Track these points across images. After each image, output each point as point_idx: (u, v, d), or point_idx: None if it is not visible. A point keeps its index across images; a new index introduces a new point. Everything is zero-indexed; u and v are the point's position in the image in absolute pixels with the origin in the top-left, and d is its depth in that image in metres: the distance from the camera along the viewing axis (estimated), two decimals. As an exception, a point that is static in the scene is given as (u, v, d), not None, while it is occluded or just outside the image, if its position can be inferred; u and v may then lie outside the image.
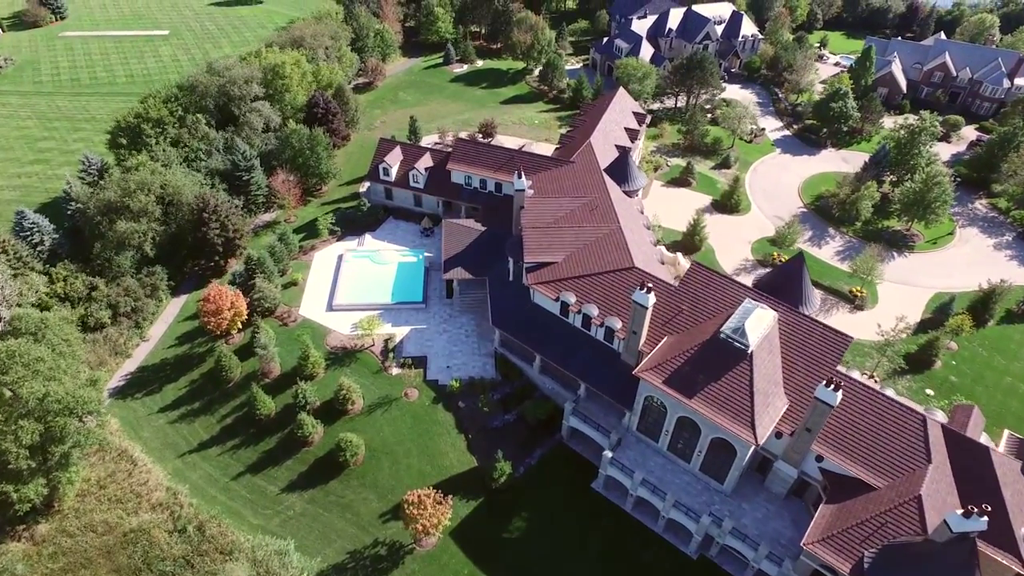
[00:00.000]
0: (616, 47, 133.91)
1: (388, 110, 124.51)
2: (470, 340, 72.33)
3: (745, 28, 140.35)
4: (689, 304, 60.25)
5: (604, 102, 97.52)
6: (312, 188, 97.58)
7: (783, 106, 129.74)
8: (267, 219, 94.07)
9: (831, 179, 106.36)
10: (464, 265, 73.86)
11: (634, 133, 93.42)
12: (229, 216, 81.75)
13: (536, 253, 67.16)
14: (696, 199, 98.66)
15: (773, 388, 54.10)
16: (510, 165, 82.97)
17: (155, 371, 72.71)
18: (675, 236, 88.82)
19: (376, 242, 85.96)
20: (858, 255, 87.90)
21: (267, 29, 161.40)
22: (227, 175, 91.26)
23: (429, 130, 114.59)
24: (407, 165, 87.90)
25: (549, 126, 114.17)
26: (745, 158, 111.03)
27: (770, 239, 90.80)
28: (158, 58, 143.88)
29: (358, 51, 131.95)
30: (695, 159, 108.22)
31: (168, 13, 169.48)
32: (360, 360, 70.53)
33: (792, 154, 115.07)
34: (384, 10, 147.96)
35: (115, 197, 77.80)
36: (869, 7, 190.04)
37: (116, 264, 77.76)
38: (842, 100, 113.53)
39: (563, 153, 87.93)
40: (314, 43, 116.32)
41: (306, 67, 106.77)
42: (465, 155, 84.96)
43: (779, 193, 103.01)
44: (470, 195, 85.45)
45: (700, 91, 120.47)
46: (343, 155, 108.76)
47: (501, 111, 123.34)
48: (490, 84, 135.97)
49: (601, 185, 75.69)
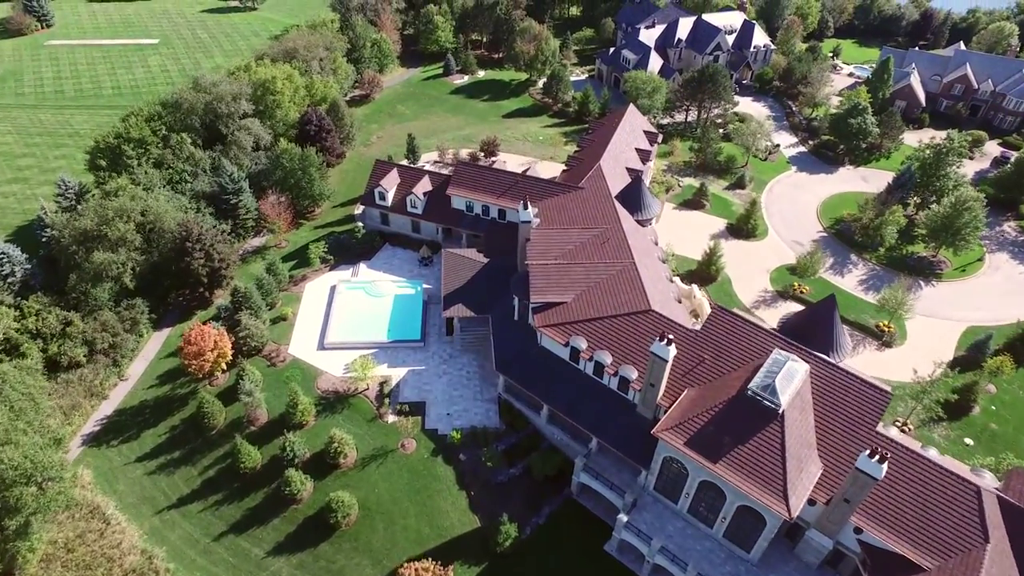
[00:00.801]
0: (623, 58, 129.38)
1: (385, 124, 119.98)
2: (472, 383, 67.68)
3: (757, 38, 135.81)
4: (712, 352, 55.69)
5: (613, 120, 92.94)
6: (304, 210, 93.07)
7: (797, 120, 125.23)
8: (256, 244, 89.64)
9: (851, 200, 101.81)
10: (465, 301, 69.25)
11: (646, 154, 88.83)
12: (214, 244, 77.19)
13: (543, 292, 62.57)
14: (710, 223, 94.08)
15: (806, 451, 49.51)
16: (514, 190, 78.43)
17: (133, 415, 68.13)
18: (690, 265, 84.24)
19: (371, 272, 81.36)
20: (885, 286, 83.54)
21: (260, 37, 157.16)
22: (214, 198, 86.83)
23: (428, 147, 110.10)
24: (404, 189, 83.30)
25: (554, 143, 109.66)
26: (760, 177, 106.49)
27: (790, 267, 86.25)
28: (146, 68, 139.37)
29: (354, 62, 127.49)
30: (708, 178, 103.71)
31: (159, 20, 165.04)
32: (353, 406, 65.92)
33: (808, 172, 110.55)
34: (382, 19, 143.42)
35: (91, 225, 73.27)
36: (881, 15, 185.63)
37: (93, 297, 73.24)
38: (861, 116, 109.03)
39: (570, 177, 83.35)
40: (307, 55, 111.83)
41: (298, 81, 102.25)
42: (466, 179, 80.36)
43: (797, 216, 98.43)
44: (471, 222, 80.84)
45: (712, 105, 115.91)
46: (338, 174, 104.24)
47: (503, 126, 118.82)
48: (492, 96, 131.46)
49: (612, 214, 71.12)
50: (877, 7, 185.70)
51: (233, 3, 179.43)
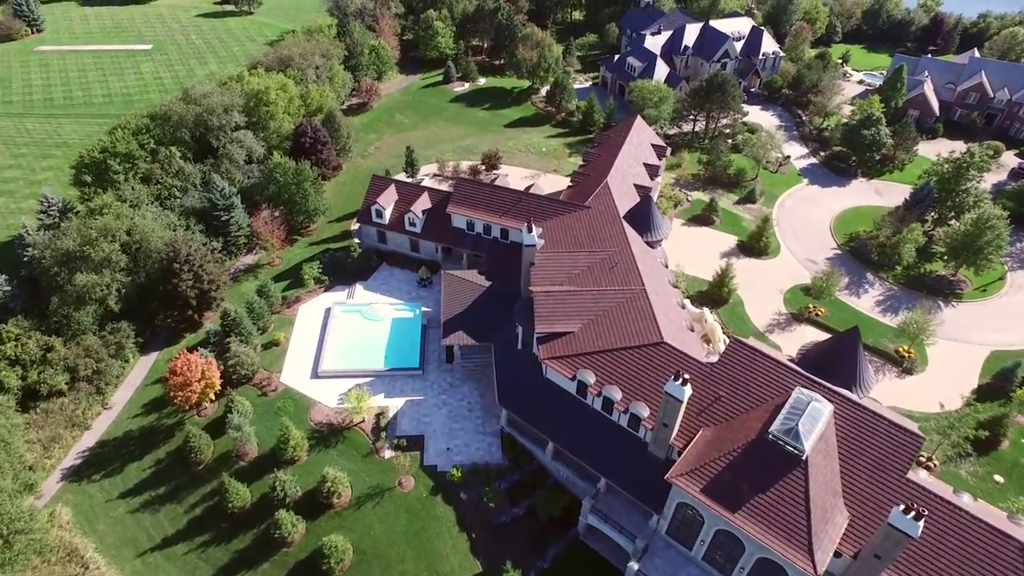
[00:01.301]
0: (628, 65, 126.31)
1: (384, 134, 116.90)
2: (473, 415, 64.58)
3: (766, 45, 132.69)
4: (729, 389, 52.68)
5: (619, 134, 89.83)
6: (299, 226, 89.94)
7: (807, 130, 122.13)
8: (249, 262, 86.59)
9: (865, 214, 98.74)
10: (466, 328, 66.15)
11: (654, 170, 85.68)
12: (203, 265, 74.11)
13: (549, 321, 59.48)
14: (720, 240, 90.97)
15: (832, 499, 46.45)
16: (517, 209, 75.35)
17: (117, 446, 65.12)
18: (700, 285, 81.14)
19: (368, 294, 78.29)
20: (904, 308, 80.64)
21: (256, 43, 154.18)
22: (204, 214, 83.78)
23: (428, 158, 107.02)
24: (402, 206, 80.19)
25: (558, 155, 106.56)
26: (770, 190, 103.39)
27: (804, 287, 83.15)
28: (139, 75, 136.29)
29: (352, 69, 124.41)
30: (717, 192, 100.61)
31: (153, 25, 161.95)
32: (348, 439, 62.85)
33: (820, 185, 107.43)
34: (380, 24, 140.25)
35: (74, 246, 70.19)
36: (890, 19, 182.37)
37: (76, 321, 70.14)
38: (875, 127, 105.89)
39: (576, 194, 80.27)
40: (303, 63, 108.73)
41: (293, 91, 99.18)
42: (466, 197, 77.27)
43: (810, 231, 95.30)
44: (472, 241, 77.74)
45: (720, 115, 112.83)
46: (334, 187, 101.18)
47: (505, 136, 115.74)
48: (493, 104, 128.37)
49: (621, 236, 68.09)
50: (886, 12, 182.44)
51: (229, 7, 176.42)
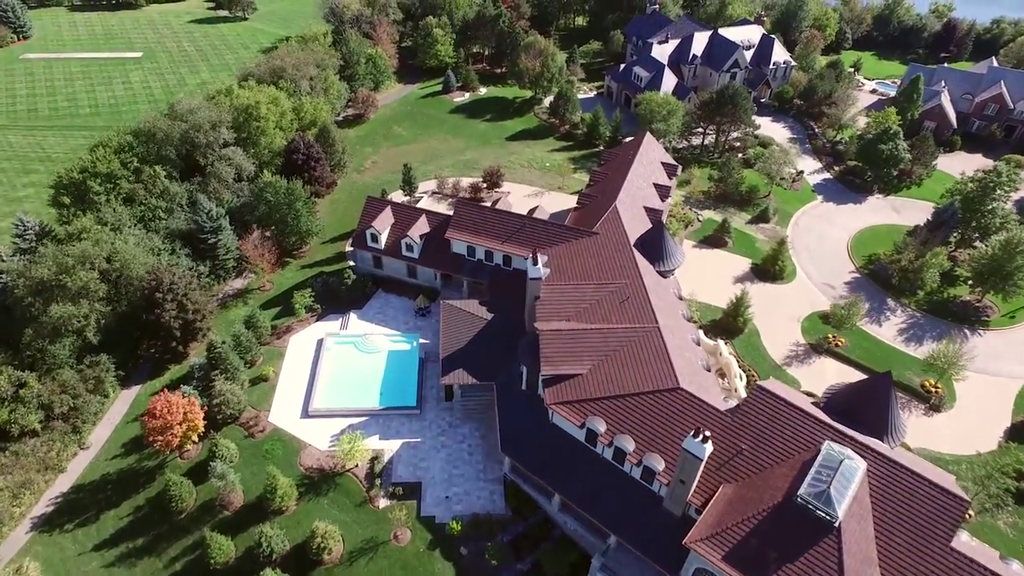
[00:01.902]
0: (635, 75, 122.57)
1: (381, 147, 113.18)
2: (474, 459, 60.78)
3: (777, 54, 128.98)
4: (751, 441, 48.90)
5: (628, 151, 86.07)
6: (291, 248, 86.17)
7: (820, 143, 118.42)
8: (238, 286, 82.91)
9: (883, 234, 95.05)
10: (466, 366, 62.37)
11: (665, 191, 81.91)
12: (188, 294, 70.29)
13: (555, 362, 55.69)
14: (733, 263, 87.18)
15: (867, 570, 42.62)
16: (520, 235, 71.58)
17: (93, 491, 61.33)
18: (713, 313, 77.35)
19: (362, 324, 74.46)
20: (928, 336, 77.13)
21: (250, 50, 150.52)
22: (190, 237, 79.99)
23: (427, 173, 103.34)
24: (399, 231, 76.38)
25: (562, 171, 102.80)
26: (784, 208, 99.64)
27: (823, 315, 79.43)
28: (127, 84, 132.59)
29: (348, 79, 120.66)
30: (729, 211, 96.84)
31: (144, 32, 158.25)
32: (340, 486, 59.06)
33: (836, 202, 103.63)
34: (377, 32, 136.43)
35: (49, 275, 66.42)
36: (901, 25, 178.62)
37: (51, 354, 66.35)
38: (892, 141, 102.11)
39: (583, 218, 76.50)
40: (296, 74, 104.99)
41: (285, 105, 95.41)
42: (467, 222, 73.47)
43: (826, 253, 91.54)
44: (473, 268, 73.95)
45: (730, 128, 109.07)
46: (328, 204, 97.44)
47: (507, 150, 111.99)
48: (494, 116, 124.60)
49: (631, 266, 64.29)
50: (896, 17, 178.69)
51: (222, 12, 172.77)
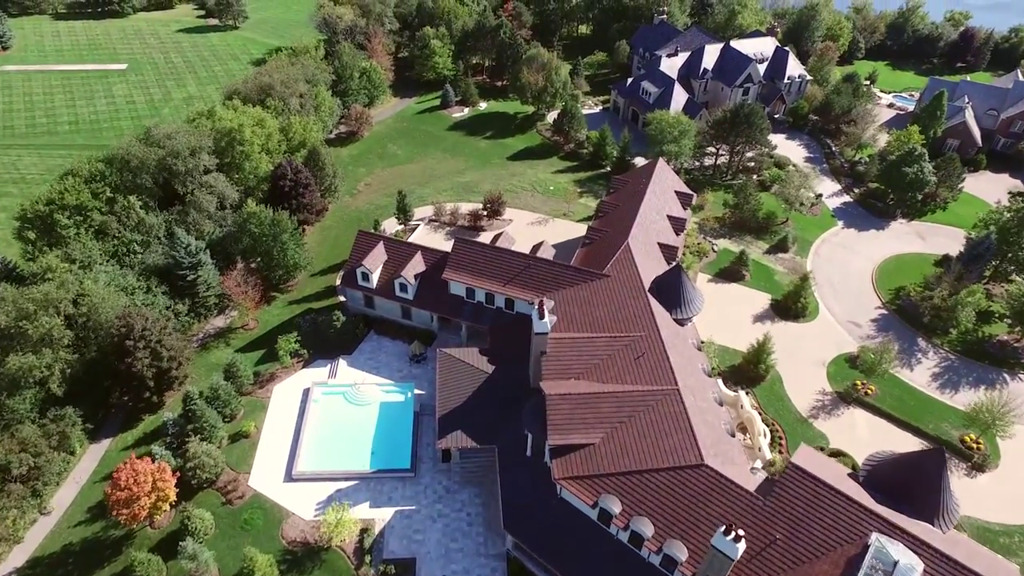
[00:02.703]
0: (643, 90, 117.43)
1: (375, 168, 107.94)
2: (474, 531, 55.53)
3: (791, 67, 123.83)
4: (787, 530, 43.62)
5: (639, 179, 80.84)
6: (277, 282, 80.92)
7: (838, 163, 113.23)
8: (220, 325, 77.87)
9: (909, 264, 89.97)
10: (465, 426, 57.14)
11: (680, 224, 76.63)
12: (162, 340, 64.99)
13: (564, 431, 50.46)
14: (751, 299, 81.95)
15: None
16: (523, 276, 66.34)
17: (52, 566, 56.26)
18: (732, 357, 72.13)
19: (352, 371, 69.14)
20: (964, 381, 72.03)
21: (240, 61, 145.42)
22: (168, 273, 74.73)
23: (423, 198, 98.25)
24: (392, 269, 71.10)
25: (567, 195, 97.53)
26: (803, 236, 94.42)
27: (849, 357, 74.23)
28: (110, 98, 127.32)
29: (340, 95, 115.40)
30: (745, 239, 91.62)
31: (130, 42, 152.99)
32: (327, 563, 53.85)
33: (857, 228, 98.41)
34: (372, 43, 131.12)
35: (8, 321, 61.19)
36: (916, 34, 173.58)
37: (9, 409, 61.24)
38: (917, 163, 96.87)
39: (591, 256, 71.24)
40: (285, 91, 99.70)
41: (271, 127, 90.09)
42: (465, 261, 68.18)
43: (849, 285, 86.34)
44: (472, 311, 68.67)
45: (745, 149, 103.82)
46: (318, 232, 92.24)
47: (508, 171, 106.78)
48: (495, 132, 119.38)
49: (646, 314, 59.06)
50: (911, 26, 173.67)
51: (212, 21, 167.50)
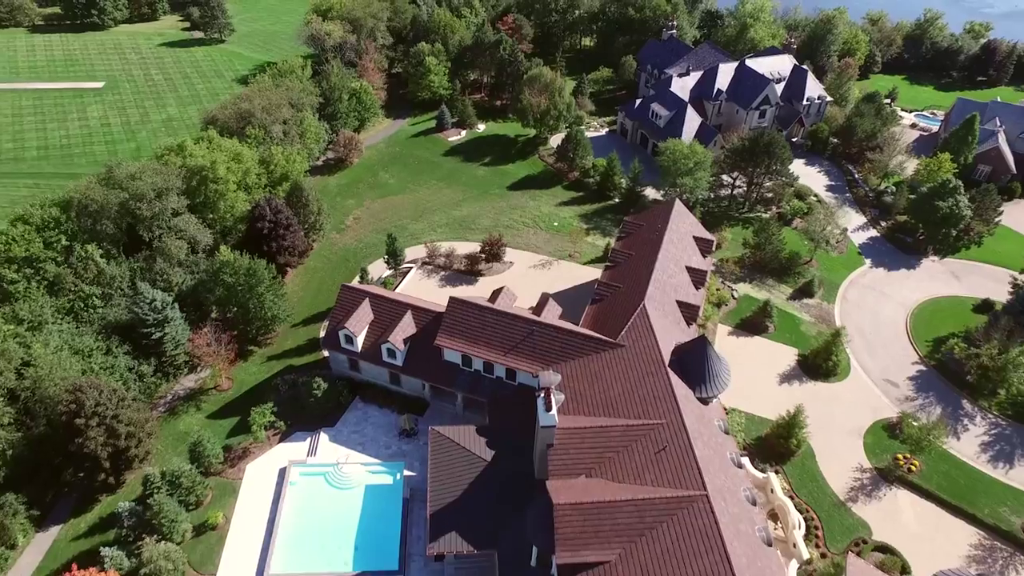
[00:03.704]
0: (653, 112, 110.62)
1: (365, 199, 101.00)
2: (469, 652, 48.41)
3: (810, 88, 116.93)
4: None
5: (653, 223, 73.91)
6: (255, 335, 74.03)
7: (862, 192, 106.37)
8: (191, 385, 71.21)
9: (946, 309, 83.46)
10: (460, 526, 50.35)
11: (701, 277, 69.70)
12: (119, 415, 58.06)
13: (575, 547, 43.63)
14: (776, 354, 75.13)
15: None
16: (526, 344, 59.39)
17: None
18: (758, 426, 65.43)
19: (335, 447, 62.25)
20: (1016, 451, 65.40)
21: (224, 78, 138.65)
22: (131, 330, 67.77)
23: (416, 234, 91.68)
24: (379, 331, 64.17)
25: (573, 233, 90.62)
26: (829, 277, 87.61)
27: (887, 425, 67.44)
28: (84, 121, 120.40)
29: (328, 118, 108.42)
30: (766, 283, 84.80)
31: (108, 58, 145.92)
32: None
33: (886, 267, 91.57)
34: (363, 61, 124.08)
35: (-61, 400, 54.18)
36: (935, 47, 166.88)
37: (-64, 501, 54.34)
38: (952, 197, 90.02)
39: (602, 317, 64.37)
40: (267, 118, 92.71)
41: (250, 160, 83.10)
42: (461, 326, 61.21)
43: (882, 336, 79.57)
44: (469, 381, 61.78)
45: (764, 178, 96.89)
46: (302, 275, 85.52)
47: (508, 203, 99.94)
48: (494, 158, 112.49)
49: (667, 394, 52.21)
50: (929, 38, 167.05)
51: (197, 35, 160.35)
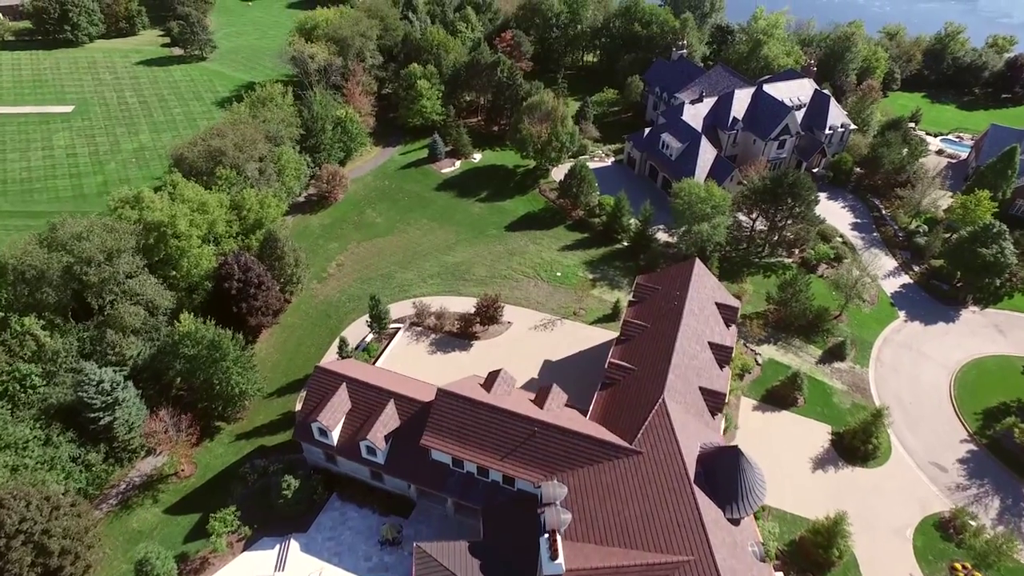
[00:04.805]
0: (663, 144, 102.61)
1: (349, 242, 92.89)
2: None
3: (833, 115, 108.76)
4: None
5: (670, 288, 65.78)
6: (222, 411, 66.01)
7: (891, 231, 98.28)
8: (147, 470, 63.28)
9: (993, 372, 75.81)
10: None
11: (725, 355, 61.35)
12: (50, 529, 49.97)
13: None
14: (807, 432, 67.23)
15: None
16: (527, 447, 51.17)
17: None
18: (791, 527, 57.37)
19: (307, 557, 54.15)
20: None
21: (203, 101, 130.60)
22: (77, 413, 59.74)
23: (404, 285, 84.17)
24: (357, 423, 56.11)
25: (578, 286, 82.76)
26: (860, 335, 79.61)
27: (938, 521, 59.41)
28: (48, 150, 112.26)
29: (310, 150, 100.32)
30: (792, 344, 76.85)
31: (80, 78, 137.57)
32: None
33: (923, 320, 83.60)
34: (350, 85, 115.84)
35: None
36: (956, 63, 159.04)
37: None
38: (996, 243, 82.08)
39: (614, 404, 56.31)
40: (240, 157, 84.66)
41: (217, 211, 74.92)
42: (450, 424, 53.13)
43: (924, 407, 71.66)
44: (461, 484, 53.78)
45: (786, 221, 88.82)
46: (277, 334, 77.79)
47: (507, 245, 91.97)
48: (491, 193, 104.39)
49: (693, 522, 44.36)
50: (951, 53, 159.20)
51: (178, 52, 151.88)
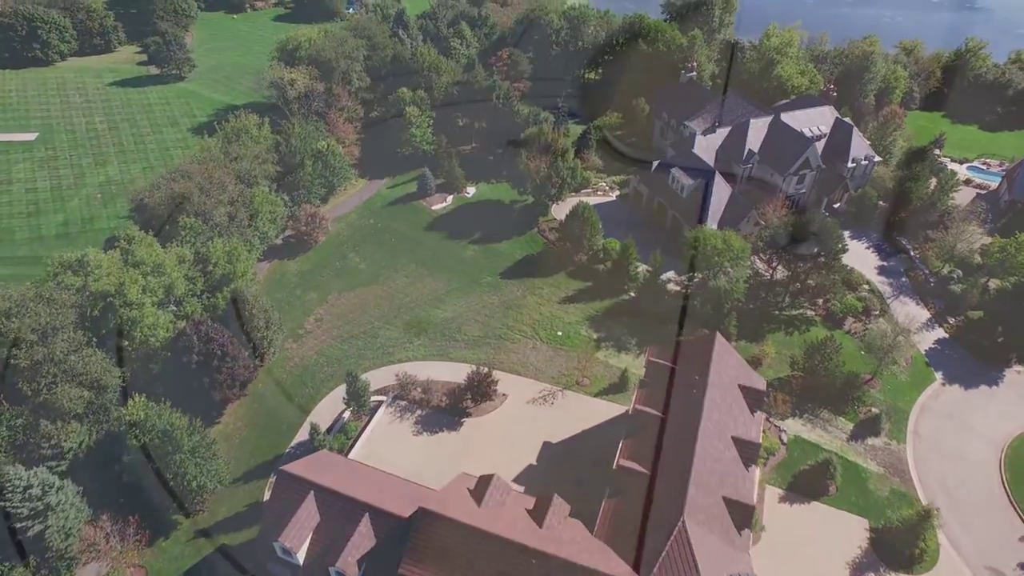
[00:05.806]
0: (673, 179, 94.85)
1: (330, 292, 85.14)
2: None
3: (856, 147, 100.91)
4: None
5: (687, 369, 57.84)
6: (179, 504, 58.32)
7: (922, 276, 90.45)
8: (89, 578, 55.15)
9: (1046, 448, 67.60)
10: None
11: (752, 452, 53.31)
12: None
13: None
14: (841, 529, 59.54)
15: None
16: (525, 580, 43.30)
17: None
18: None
19: None
20: None
21: (179, 127, 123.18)
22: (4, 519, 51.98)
23: (388, 345, 76.11)
24: (324, 541, 48.18)
25: (581, 348, 75.00)
26: (894, 402, 71.88)
27: (1000, 646, 51.50)
28: (7, 184, 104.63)
29: (288, 188, 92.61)
30: (820, 416, 69.18)
31: (48, 100, 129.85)
32: None
33: (962, 384, 75.86)
34: (333, 112, 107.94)
35: None
36: (978, 80, 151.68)
37: None
38: (1043, 297, 74.67)
39: (624, 521, 48.32)
40: (206, 202, 76.99)
41: (175, 272, 67.16)
42: (433, 548, 45.22)
43: (972, 494, 63.97)
44: (446, 620, 45.66)
45: (809, 272, 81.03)
46: (246, 405, 70.62)
47: (502, 297, 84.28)
48: (485, 233, 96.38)
49: None
50: (972, 70, 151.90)
51: (155, 70, 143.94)
